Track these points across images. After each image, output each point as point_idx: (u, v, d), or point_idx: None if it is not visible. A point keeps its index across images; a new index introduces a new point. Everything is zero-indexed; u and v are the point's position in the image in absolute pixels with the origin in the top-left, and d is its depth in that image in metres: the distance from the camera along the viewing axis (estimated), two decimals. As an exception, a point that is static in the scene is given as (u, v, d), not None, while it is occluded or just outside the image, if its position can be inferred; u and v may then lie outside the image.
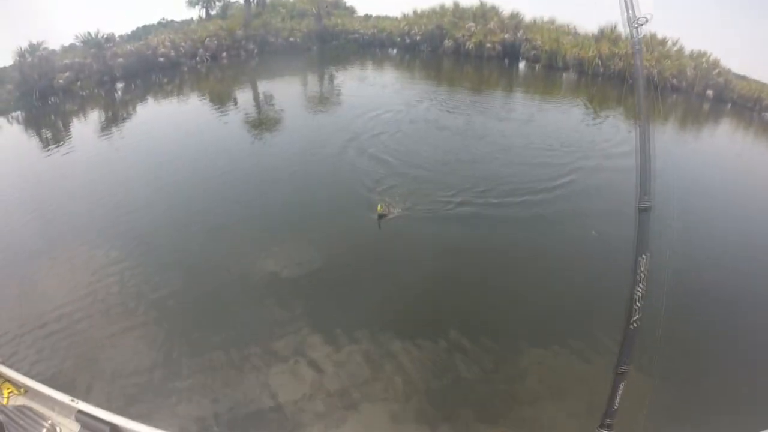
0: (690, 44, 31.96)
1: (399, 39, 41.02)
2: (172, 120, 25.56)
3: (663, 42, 31.78)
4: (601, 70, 33.49)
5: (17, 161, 21.03)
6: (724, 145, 25.26)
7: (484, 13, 39.33)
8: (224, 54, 37.54)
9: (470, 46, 37.90)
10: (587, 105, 28.31)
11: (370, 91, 29.45)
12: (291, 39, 40.26)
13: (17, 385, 5.94)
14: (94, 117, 26.91)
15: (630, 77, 5.64)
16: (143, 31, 36.51)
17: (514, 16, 38.54)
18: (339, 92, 30.17)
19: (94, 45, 31.22)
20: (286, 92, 30.34)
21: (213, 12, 41.03)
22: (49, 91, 27.91)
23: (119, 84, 32.03)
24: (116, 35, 33.25)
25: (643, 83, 5.37)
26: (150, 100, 30.20)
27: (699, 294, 11.28)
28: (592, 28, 35.82)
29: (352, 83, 32.04)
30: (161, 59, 34.66)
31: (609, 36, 34.25)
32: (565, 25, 37.96)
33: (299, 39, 40.46)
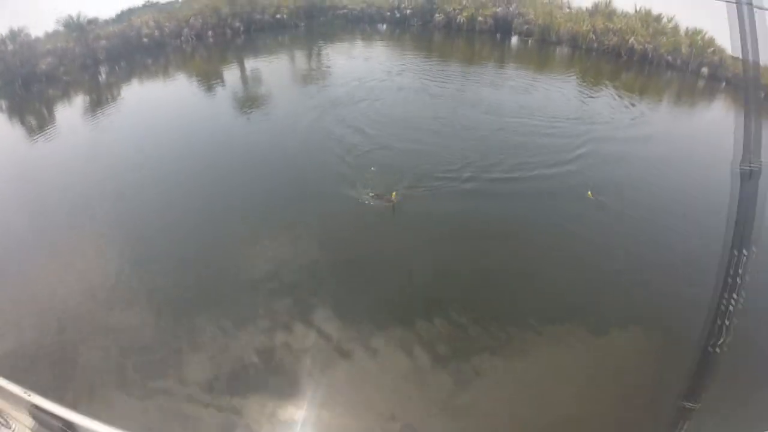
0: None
1: (389, 13, 39.73)
2: (157, 101, 25.79)
3: (658, 18, 30.26)
4: (596, 44, 32.26)
5: (1, 151, 21.44)
6: None
7: (476, -15, 37.60)
8: (210, 33, 36.85)
9: (461, 20, 36.60)
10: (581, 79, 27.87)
11: (361, 65, 29.38)
12: (278, 15, 39.23)
13: None
14: (79, 102, 27.02)
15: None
16: (128, 14, 35.86)
17: (507, -11, 36.78)
18: (328, 66, 30.04)
19: (76, 28, 30.92)
20: (273, 70, 30.17)
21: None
22: (32, 78, 27.95)
23: (103, 67, 31.92)
24: (100, 19, 32.78)
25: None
26: (134, 82, 30.12)
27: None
28: (587, 2, 34.23)
29: (339, 58, 31.70)
30: (145, 40, 34.22)
31: (604, 11, 32.80)
32: (559, -2, 36.17)
33: (286, 15, 39.44)
